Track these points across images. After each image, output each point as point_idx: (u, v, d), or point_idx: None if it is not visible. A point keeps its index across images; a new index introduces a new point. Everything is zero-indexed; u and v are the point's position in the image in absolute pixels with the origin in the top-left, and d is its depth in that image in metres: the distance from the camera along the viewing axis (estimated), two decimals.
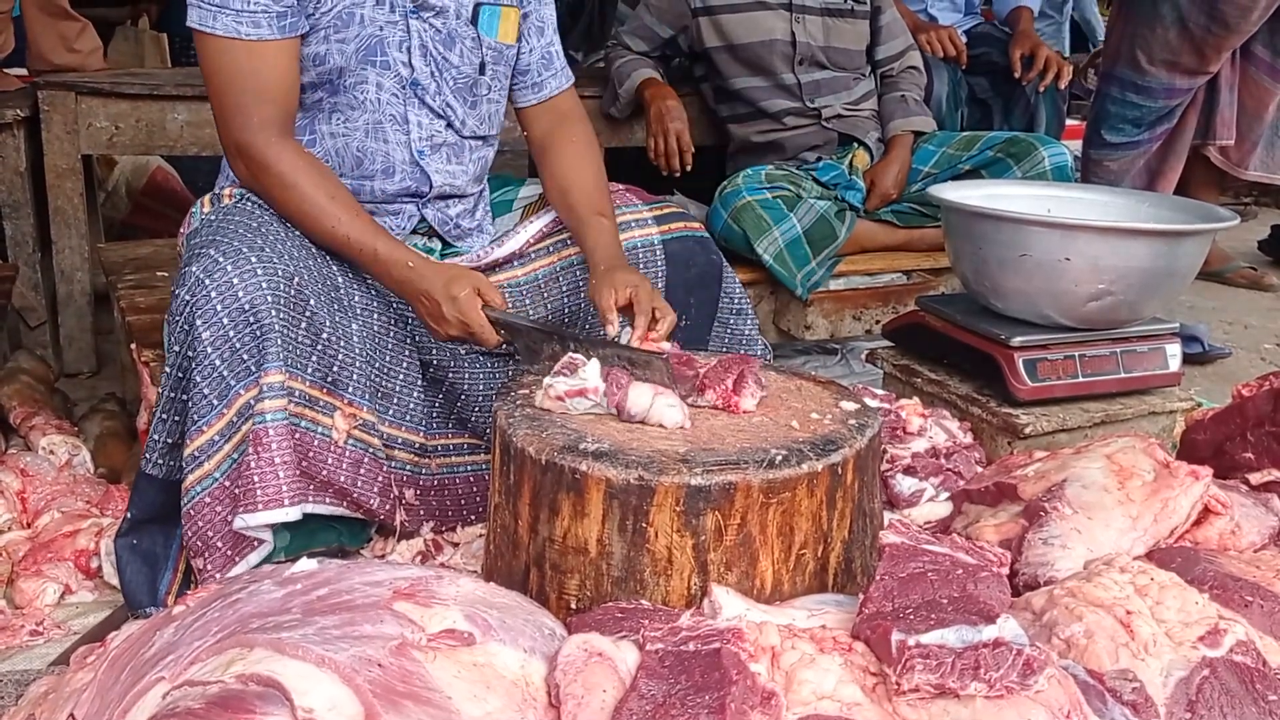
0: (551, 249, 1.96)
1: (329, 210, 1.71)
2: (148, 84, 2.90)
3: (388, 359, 1.81)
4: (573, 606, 1.48)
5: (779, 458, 1.44)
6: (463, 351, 1.91)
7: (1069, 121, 4.69)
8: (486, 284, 1.73)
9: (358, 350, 1.73)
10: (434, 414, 1.91)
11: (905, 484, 2.06)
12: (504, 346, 1.77)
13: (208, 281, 1.55)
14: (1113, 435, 1.95)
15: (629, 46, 3.14)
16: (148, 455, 1.66)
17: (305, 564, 1.31)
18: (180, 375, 1.60)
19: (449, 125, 1.90)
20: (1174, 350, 2.31)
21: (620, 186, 2.07)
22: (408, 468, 1.83)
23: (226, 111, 1.72)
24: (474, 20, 1.88)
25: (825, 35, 3.03)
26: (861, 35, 3.10)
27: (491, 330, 1.71)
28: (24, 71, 3.27)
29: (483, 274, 1.90)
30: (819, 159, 3.04)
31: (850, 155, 3.05)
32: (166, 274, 2.42)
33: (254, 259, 1.58)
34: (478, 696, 1.13)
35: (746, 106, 3.08)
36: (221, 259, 1.57)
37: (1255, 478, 1.89)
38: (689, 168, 2.91)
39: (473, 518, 1.94)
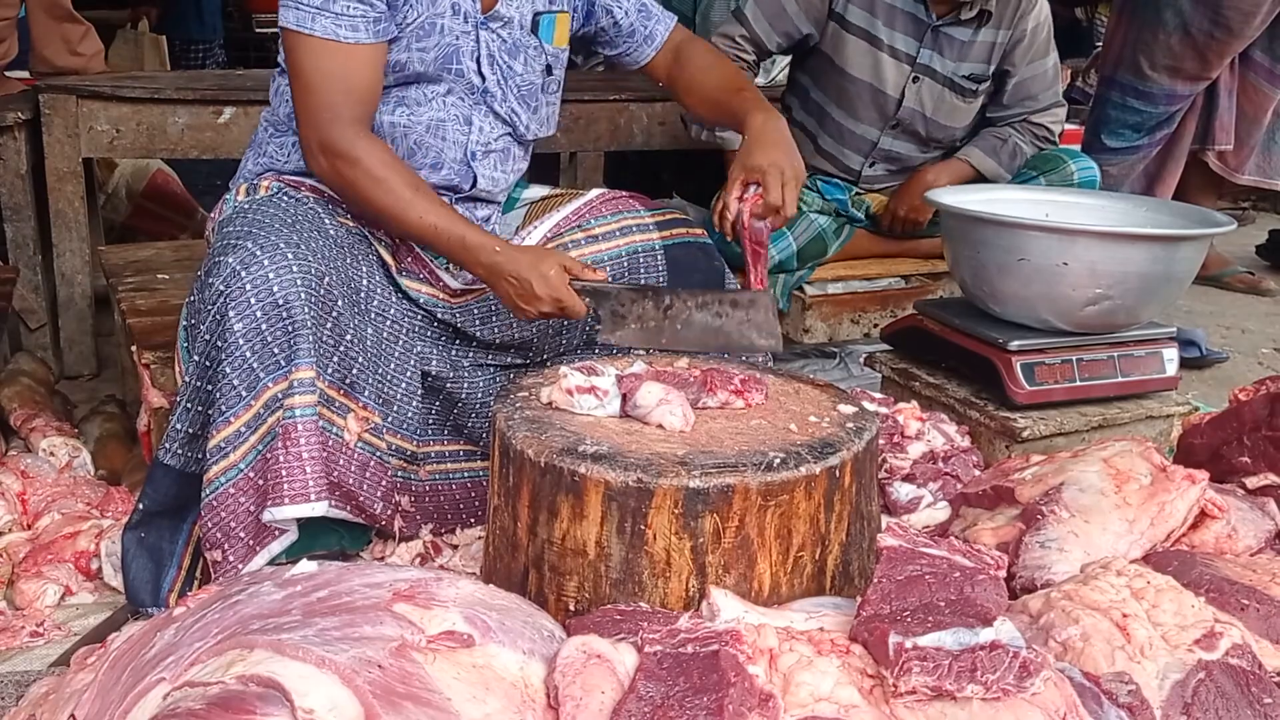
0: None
1: (416, 201, 1.73)
2: (149, 87, 2.91)
3: (392, 367, 1.82)
4: (571, 608, 1.48)
5: (777, 460, 1.44)
6: (464, 363, 1.92)
7: (1068, 126, 4.71)
8: (571, 259, 1.78)
9: (370, 355, 1.75)
10: (429, 422, 1.91)
11: (903, 490, 2.07)
12: (590, 315, 1.79)
13: (243, 273, 1.56)
14: (1110, 439, 1.96)
15: (743, 40, 2.81)
16: (166, 445, 1.66)
17: (305, 566, 1.31)
18: (207, 365, 1.60)
19: (511, 131, 1.95)
20: (1171, 354, 2.32)
21: (623, 193, 2.08)
22: (399, 474, 1.83)
23: (314, 109, 1.72)
24: (534, 29, 1.92)
25: (935, 107, 2.81)
26: (970, 114, 2.87)
27: (580, 303, 1.75)
28: (26, 74, 3.27)
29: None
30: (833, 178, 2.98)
31: (860, 194, 2.98)
32: (167, 277, 2.43)
33: (290, 254, 1.59)
34: (477, 698, 1.13)
35: (813, 123, 2.94)
36: (259, 252, 1.58)
37: (1252, 482, 1.89)
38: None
39: (471, 520, 1.95)
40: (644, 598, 1.45)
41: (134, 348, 2.03)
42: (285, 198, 1.75)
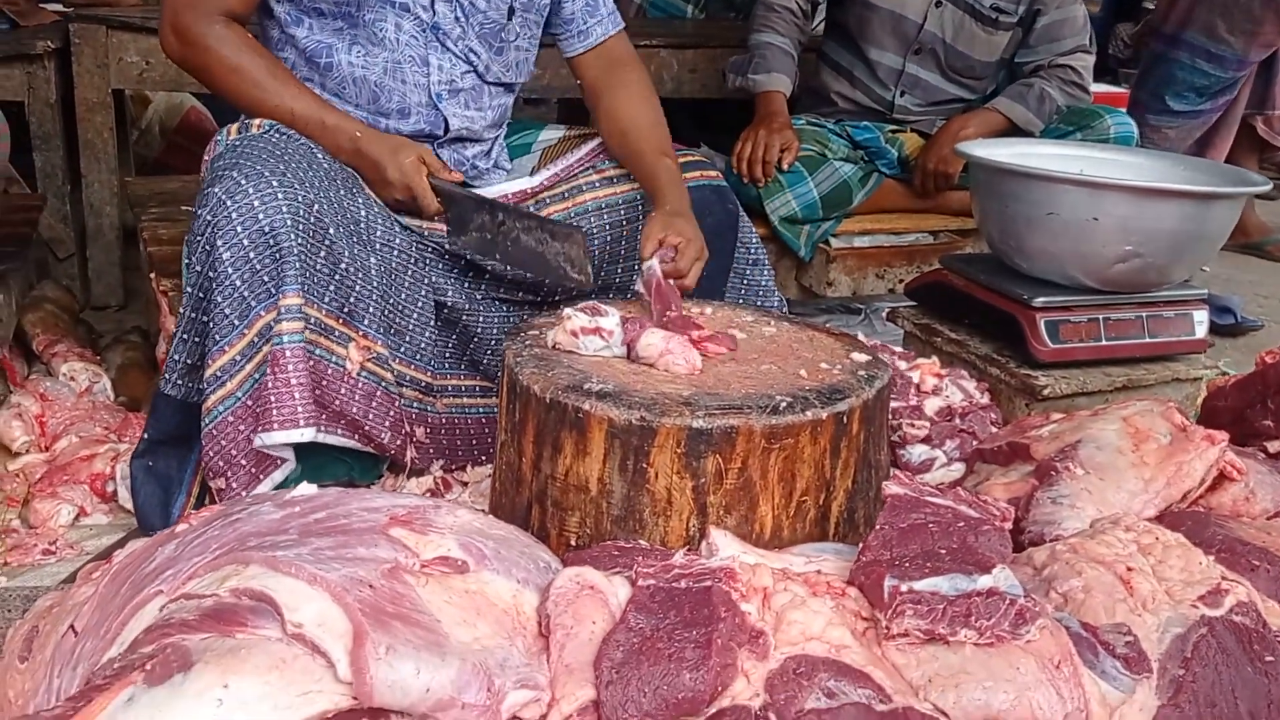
0: (565, 195, 1.95)
1: (273, 87, 1.74)
2: None
3: (403, 296, 1.81)
4: (573, 543, 1.49)
5: (783, 404, 1.43)
6: (479, 297, 1.92)
7: (1108, 89, 4.60)
8: (431, 155, 1.81)
9: (375, 284, 1.74)
10: (445, 355, 1.91)
11: (915, 452, 2.04)
12: (441, 217, 1.83)
13: (229, 202, 1.56)
14: (1133, 399, 1.93)
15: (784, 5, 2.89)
16: (167, 375, 1.69)
17: (305, 488, 1.32)
18: (201, 295, 1.62)
19: (473, 70, 1.90)
20: (1201, 316, 2.28)
21: None
22: (414, 405, 1.84)
23: None
24: None
25: (955, 34, 2.82)
26: (994, 48, 2.85)
27: (432, 196, 1.78)
28: (59, 6, 3.28)
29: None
30: (863, 121, 2.95)
31: (896, 131, 2.94)
32: (189, 208, 2.42)
33: (275, 183, 1.59)
34: (467, 622, 1.14)
35: (847, 58, 2.94)
36: (244, 181, 1.58)
37: (1274, 446, 1.86)
38: (759, 181, 2.74)
39: (483, 458, 1.95)
40: (645, 536, 1.45)
41: (153, 275, 2.04)
42: (277, 134, 1.74)
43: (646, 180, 1.91)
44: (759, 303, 2.04)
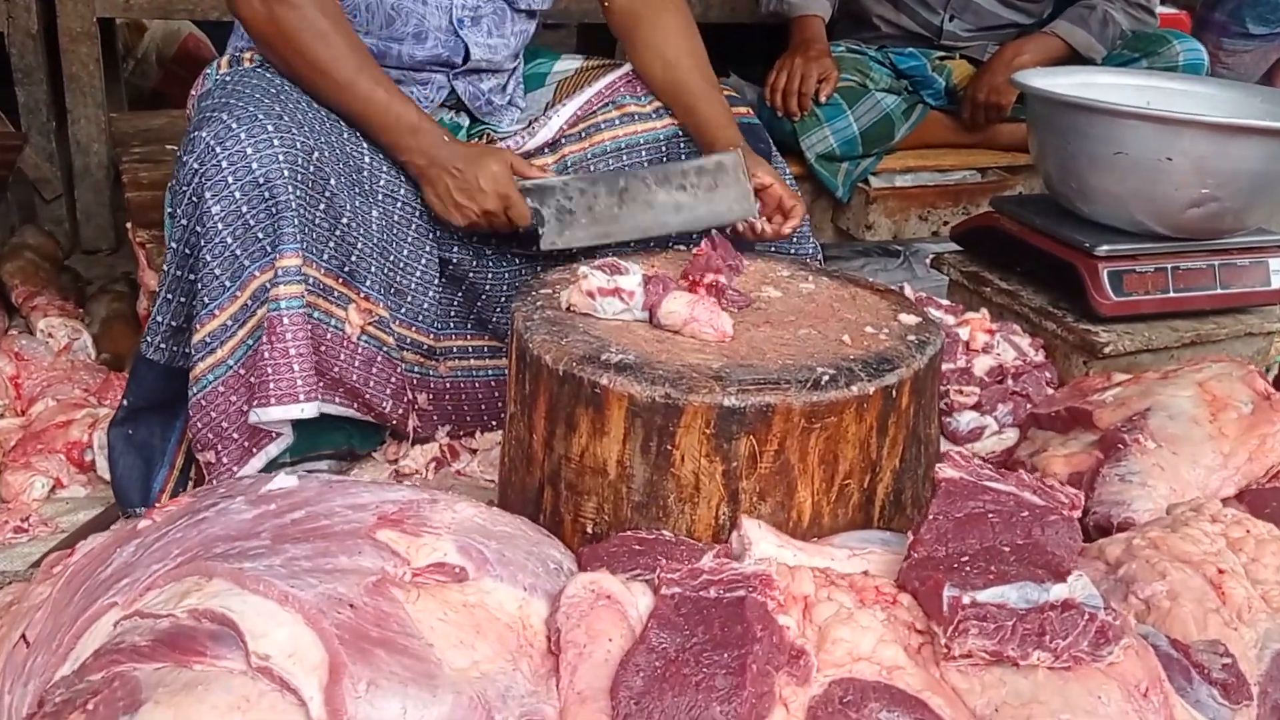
0: (583, 134, 1.77)
1: (364, 68, 1.54)
2: None
3: (405, 253, 1.65)
4: (589, 531, 1.34)
5: (825, 378, 1.26)
6: (488, 251, 1.75)
7: (1167, 10, 4.31)
8: (519, 159, 1.63)
9: (376, 240, 1.58)
10: (449, 315, 1.76)
11: (963, 420, 1.89)
12: (529, 229, 1.64)
13: (219, 149, 1.40)
14: (1204, 358, 1.75)
15: None
16: (148, 338, 1.54)
17: (283, 481, 1.17)
18: (187, 252, 1.46)
19: None
20: (1277, 265, 2.11)
21: None
22: (416, 370, 1.69)
23: None
24: None
25: None
26: None
27: (524, 204, 1.60)
28: None
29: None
30: (908, 48, 2.74)
31: (944, 58, 2.73)
32: (175, 148, 2.26)
33: (270, 127, 1.42)
34: (464, 643, 0.99)
35: None
36: (235, 125, 1.41)
37: None
38: (794, 115, 2.55)
39: (494, 423, 1.81)
40: (669, 525, 1.30)
41: (128, 224, 1.88)
42: (271, 69, 1.56)
43: (694, 114, 1.75)
44: (792, 249, 1.87)
